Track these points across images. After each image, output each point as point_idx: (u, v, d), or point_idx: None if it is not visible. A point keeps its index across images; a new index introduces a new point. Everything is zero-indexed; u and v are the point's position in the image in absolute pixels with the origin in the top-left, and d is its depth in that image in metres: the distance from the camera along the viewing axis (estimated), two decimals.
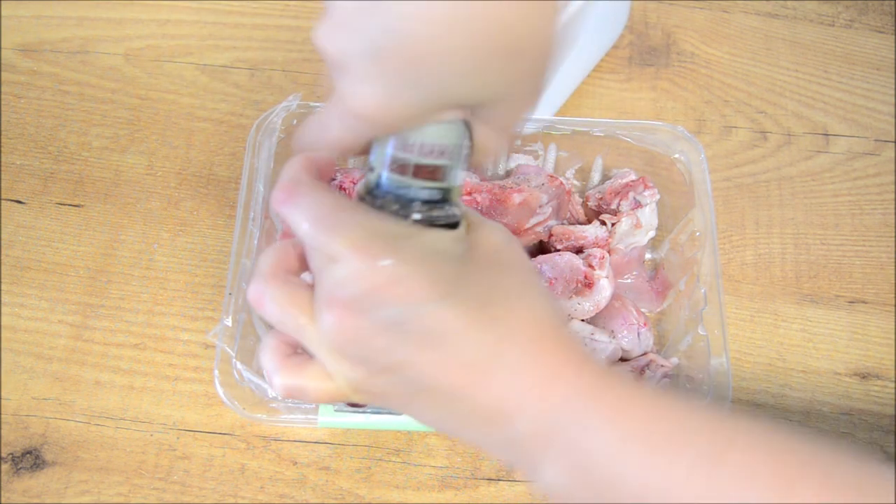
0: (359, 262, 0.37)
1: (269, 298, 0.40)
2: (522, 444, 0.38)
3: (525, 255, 0.42)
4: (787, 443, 0.37)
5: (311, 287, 0.40)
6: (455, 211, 0.41)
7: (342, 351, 0.39)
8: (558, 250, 0.58)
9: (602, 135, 0.61)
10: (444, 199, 0.40)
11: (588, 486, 0.38)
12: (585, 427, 0.37)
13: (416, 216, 0.40)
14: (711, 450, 0.36)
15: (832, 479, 0.35)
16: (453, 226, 0.40)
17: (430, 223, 0.40)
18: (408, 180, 0.40)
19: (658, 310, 0.61)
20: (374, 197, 0.40)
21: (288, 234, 0.59)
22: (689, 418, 0.37)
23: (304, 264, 0.42)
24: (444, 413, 0.40)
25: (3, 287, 0.59)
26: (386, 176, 0.40)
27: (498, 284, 0.39)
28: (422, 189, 0.40)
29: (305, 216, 0.38)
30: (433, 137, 0.39)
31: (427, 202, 0.40)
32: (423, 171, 0.40)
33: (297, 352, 0.42)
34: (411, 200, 0.40)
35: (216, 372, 0.51)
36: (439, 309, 0.37)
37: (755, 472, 0.35)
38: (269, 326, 0.53)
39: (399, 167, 0.39)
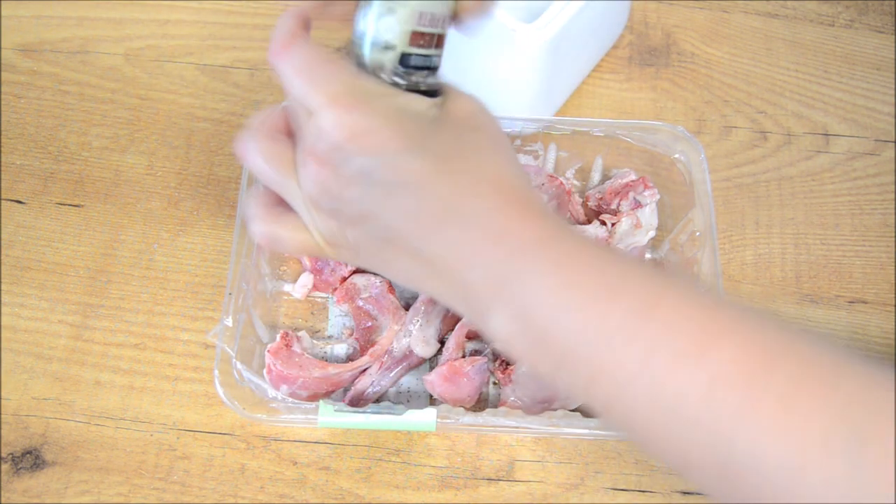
0: (333, 114, 0.39)
1: (255, 151, 0.43)
2: (473, 293, 0.39)
3: (497, 123, 0.43)
4: (722, 308, 0.37)
5: (295, 145, 0.42)
6: (436, 80, 0.43)
7: (317, 202, 0.41)
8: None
9: (602, 135, 0.61)
10: (429, 66, 0.43)
11: (527, 334, 0.38)
12: (530, 276, 0.38)
13: (398, 80, 0.42)
14: (644, 304, 0.36)
15: (753, 341, 0.35)
16: (433, 94, 0.43)
17: (411, 89, 0.42)
18: (391, 46, 0.41)
19: None
20: (359, 57, 0.42)
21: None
22: (630, 273, 0.38)
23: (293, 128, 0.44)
24: (406, 265, 0.41)
25: (3, 287, 0.59)
26: (371, 40, 0.41)
27: (465, 142, 0.41)
28: (411, 55, 0.42)
29: (294, 68, 0.40)
30: (428, 6, 0.42)
31: (411, 67, 0.42)
32: (416, 38, 0.42)
33: (279, 204, 0.44)
34: (396, 65, 0.42)
35: (216, 372, 0.51)
36: (404, 159, 0.39)
37: (680, 327, 0.35)
38: (267, 335, 0.53)
39: (387, 29, 0.41)
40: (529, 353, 0.39)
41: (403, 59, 0.42)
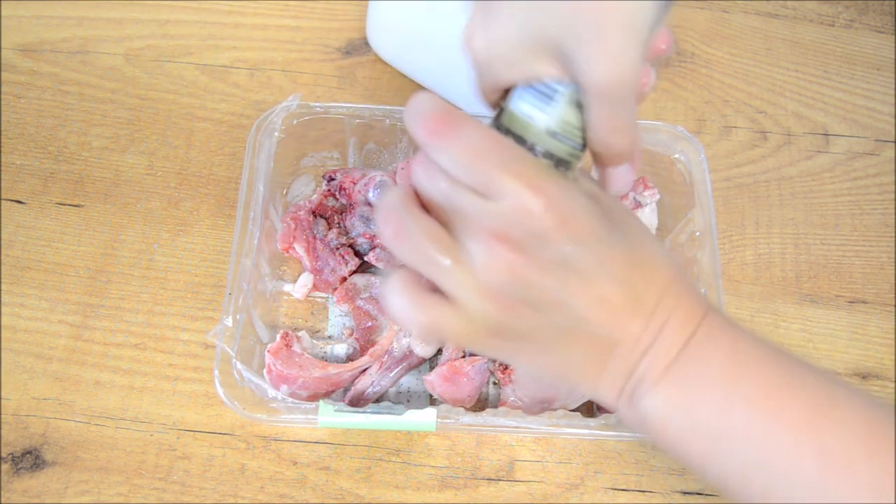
0: (537, 200, 0.37)
1: (409, 234, 0.39)
2: (638, 376, 0.41)
3: (631, 211, 0.45)
4: (887, 410, 0.39)
5: (444, 225, 0.39)
6: (575, 173, 0.42)
7: (498, 289, 0.38)
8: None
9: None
10: (572, 159, 0.42)
11: (686, 420, 0.40)
12: (702, 366, 0.40)
13: (562, 168, 0.41)
14: (814, 407, 0.39)
15: None
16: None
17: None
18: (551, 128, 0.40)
19: None
20: (524, 142, 0.40)
21: (287, 237, 0.59)
22: (798, 373, 0.40)
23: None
24: (576, 354, 0.41)
25: (3, 287, 0.59)
26: (519, 106, 0.40)
27: (632, 231, 0.42)
28: (561, 144, 0.40)
29: (465, 148, 0.37)
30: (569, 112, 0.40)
31: (570, 157, 0.41)
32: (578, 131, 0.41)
33: (432, 289, 0.40)
34: (536, 143, 0.40)
35: (216, 372, 0.51)
36: (607, 248, 0.39)
37: (850, 429, 0.38)
38: (267, 335, 0.53)
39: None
40: (682, 436, 0.41)
41: (571, 148, 0.41)
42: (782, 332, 0.61)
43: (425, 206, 0.40)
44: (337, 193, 0.60)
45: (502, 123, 0.41)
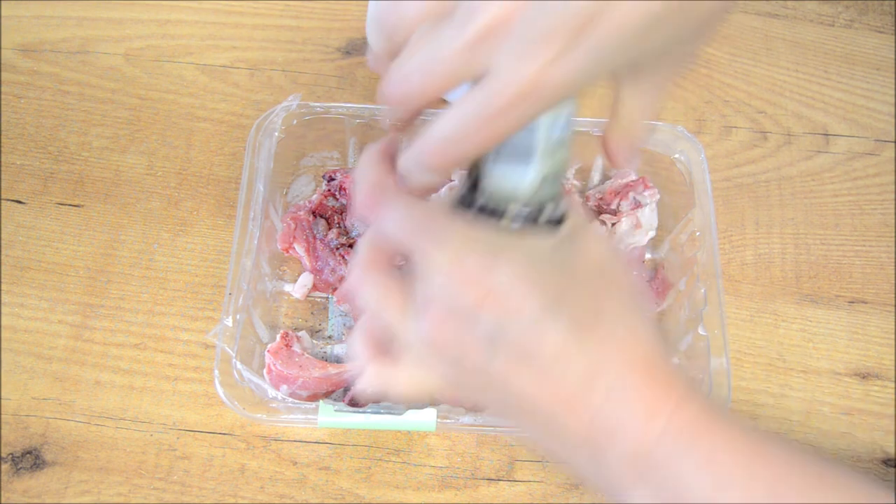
0: (453, 276, 0.36)
1: (368, 288, 0.39)
2: (612, 472, 0.37)
3: (629, 273, 0.39)
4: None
5: (406, 281, 0.39)
6: (557, 212, 0.39)
7: (438, 354, 0.38)
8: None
9: (602, 135, 0.61)
10: (553, 196, 0.38)
11: None
12: (681, 468, 0.36)
13: (518, 222, 0.38)
14: None
15: None
16: (557, 221, 0.38)
17: (532, 225, 0.38)
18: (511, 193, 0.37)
19: (658, 310, 0.61)
20: (472, 203, 0.38)
21: (287, 237, 0.59)
22: (789, 471, 0.36)
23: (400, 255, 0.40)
24: (535, 429, 0.38)
25: (3, 287, 0.59)
26: (497, 171, 0.37)
27: (600, 304, 0.37)
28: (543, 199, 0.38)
29: (400, 223, 0.37)
30: (564, 128, 0.37)
31: (538, 213, 0.38)
32: (548, 184, 0.37)
33: (387, 344, 0.40)
34: (516, 205, 0.38)
35: (216, 372, 0.51)
36: (538, 326, 0.36)
37: None
38: (267, 335, 0.53)
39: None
40: None
41: (538, 191, 0.38)
42: (782, 332, 0.61)
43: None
44: (337, 193, 0.60)
45: (479, 197, 0.38)
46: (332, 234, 0.59)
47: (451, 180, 0.58)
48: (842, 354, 0.60)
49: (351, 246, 0.60)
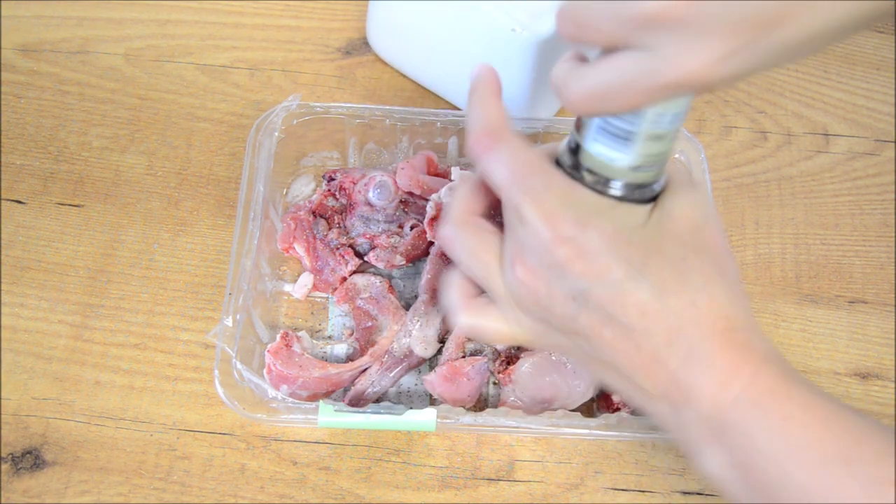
0: (550, 233, 0.37)
1: (460, 244, 0.42)
2: (688, 430, 0.39)
3: (722, 238, 0.40)
4: None
5: (500, 233, 0.41)
6: (656, 188, 0.40)
7: (524, 307, 0.41)
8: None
9: None
10: (652, 181, 0.40)
11: (747, 487, 0.38)
12: (754, 433, 0.37)
13: (615, 192, 0.39)
14: (881, 477, 0.35)
15: None
16: (652, 199, 0.40)
17: (628, 199, 0.40)
18: (618, 157, 0.39)
19: None
20: (575, 164, 0.40)
21: (287, 237, 0.59)
22: (861, 440, 0.36)
23: (495, 205, 0.43)
24: (615, 382, 0.41)
25: (3, 287, 0.59)
26: (595, 147, 0.39)
27: (686, 269, 0.38)
28: (631, 171, 0.39)
29: (503, 171, 0.39)
30: (671, 123, 0.38)
31: (637, 186, 0.40)
32: (650, 155, 0.39)
33: (480, 293, 0.43)
34: (613, 179, 0.39)
35: (216, 372, 0.51)
36: (623, 290, 0.37)
37: None
38: (267, 335, 0.53)
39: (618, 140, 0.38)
40: (742, 495, 0.38)
41: (633, 174, 0.39)
42: (782, 332, 0.61)
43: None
44: (337, 193, 0.60)
45: (580, 162, 0.40)
46: (332, 234, 0.59)
47: (451, 180, 0.58)
48: (842, 354, 0.60)
49: (351, 246, 0.60)
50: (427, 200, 0.58)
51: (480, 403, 0.56)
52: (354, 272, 0.59)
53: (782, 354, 0.39)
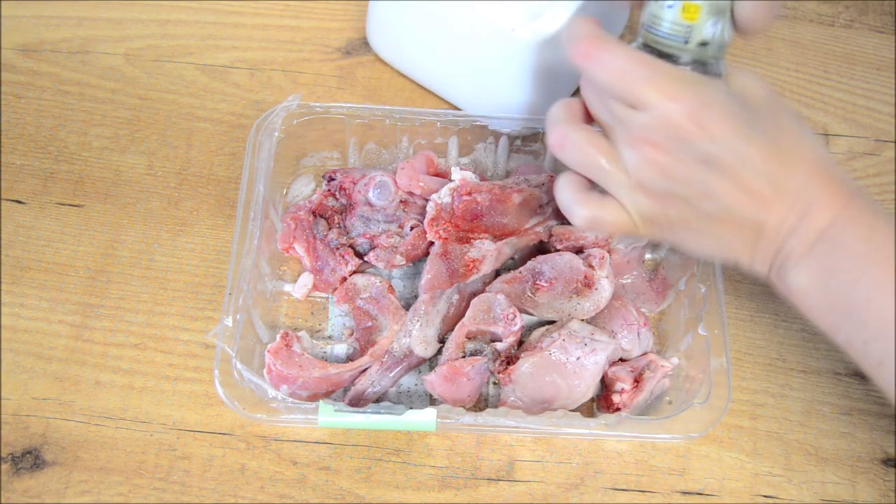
0: (675, 105, 0.44)
1: (571, 142, 0.47)
2: (785, 253, 0.46)
3: (785, 103, 0.48)
4: None
5: (606, 133, 0.47)
6: (721, 66, 0.48)
7: (647, 184, 0.46)
8: (558, 250, 0.58)
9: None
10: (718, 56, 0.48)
11: (824, 291, 0.46)
12: (846, 238, 0.45)
13: (704, 69, 0.48)
14: None
15: None
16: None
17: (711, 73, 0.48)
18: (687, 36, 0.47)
19: (658, 310, 0.61)
20: (665, 50, 0.47)
21: (287, 237, 0.59)
22: None
23: (588, 118, 0.49)
24: (729, 236, 0.47)
25: (3, 287, 0.59)
26: (668, 29, 0.47)
27: (780, 125, 0.46)
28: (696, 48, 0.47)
29: (616, 69, 0.45)
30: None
31: (703, 62, 0.48)
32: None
33: (593, 188, 0.49)
34: (709, 58, 0.48)
35: (216, 372, 0.51)
36: (742, 144, 0.44)
37: None
38: (267, 335, 0.53)
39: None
40: (818, 306, 0.47)
41: (711, 52, 0.48)
42: (782, 332, 0.61)
43: (592, 117, 0.49)
44: (337, 193, 0.60)
45: (648, 44, 0.48)
46: (332, 234, 0.59)
47: (451, 180, 0.58)
48: (842, 354, 0.60)
49: (351, 246, 0.60)
50: (427, 200, 0.58)
51: (480, 403, 0.56)
52: (354, 272, 0.59)
53: (864, 190, 0.47)
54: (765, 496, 0.54)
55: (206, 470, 0.54)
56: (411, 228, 0.59)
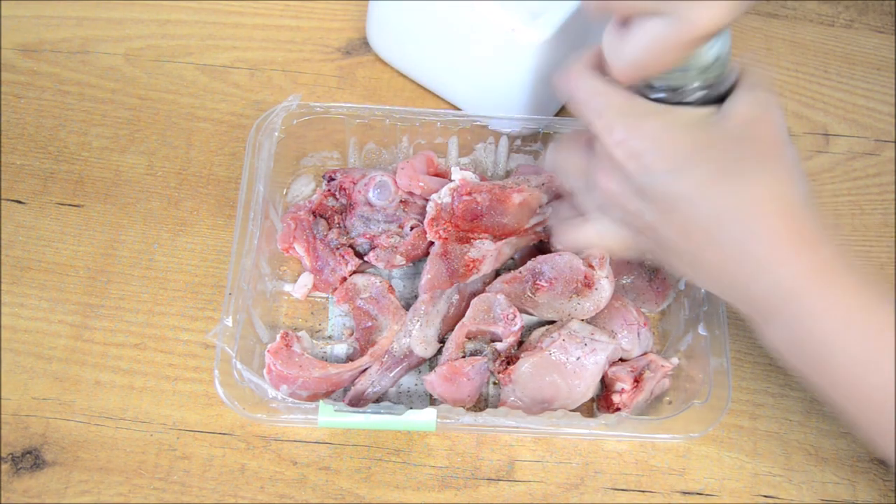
0: (607, 138, 0.44)
1: (560, 164, 0.51)
2: (750, 305, 0.45)
3: (777, 129, 0.45)
4: None
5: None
6: (725, 84, 0.45)
7: (610, 213, 0.48)
8: (558, 250, 0.58)
9: None
10: (714, 81, 0.46)
11: (802, 351, 0.44)
12: (811, 307, 0.42)
13: (678, 98, 0.45)
14: None
15: None
16: (721, 97, 0.46)
17: (700, 103, 0.45)
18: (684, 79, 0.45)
19: (658, 310, 0.61)
20: (649, 88, 0.46)
21: (287, 237, 0.59)
22: None
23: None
24: (690, 269, 0.47)
25: (3, 287, 0.59)
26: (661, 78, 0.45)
27: (740, 157, 0.43)
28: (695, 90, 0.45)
29: (577, 99, 0.46)
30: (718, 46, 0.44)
31: (696, 88, 0.46)
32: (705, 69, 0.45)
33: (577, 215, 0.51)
34: (683, 91, 0.45)
35: (216, 372, 0.51)
36: (672, 179, 0.43)
37: None
38: (267, 335, 0.53)
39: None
40: (799, 363, 0.45)
41: (714, 73, 0.45)
42: None
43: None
44: (337, 193, 0.60)
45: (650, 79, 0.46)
46: (332, 234, 0.59)
47: (451, 180, 0.58)
48: None
49: (351, 246, 0.60)
50: (427, 200, 0.58)
51: (480, 403, 0.56)
52: (354, 272, 0.59)
53: (836, 231, 0.44)
54: (765, 496, 0.54)
55: (206, 470, 0.54)
56: (411, 228, 0.59)
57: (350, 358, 0.57)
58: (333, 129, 0.62)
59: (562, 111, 0.69)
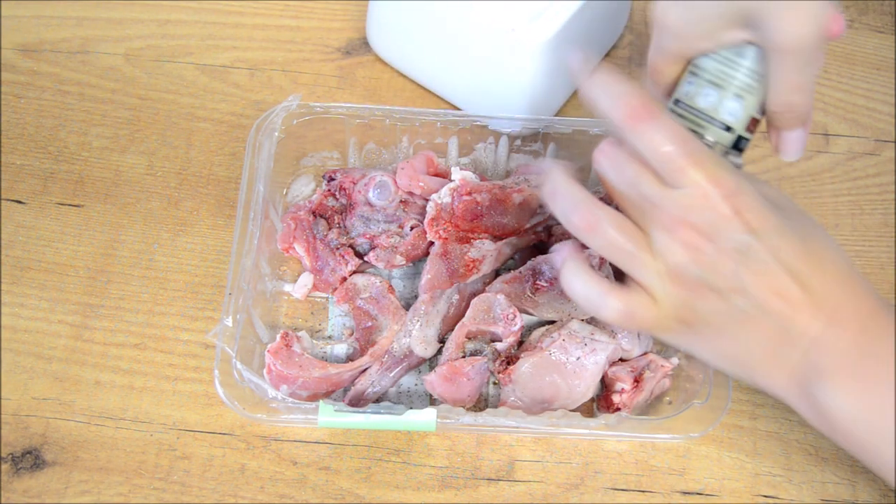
0: (713, 189, 0.41)
1: (609, 226, 0.43)
2: (811, 365, 0.44)
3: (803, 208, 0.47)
4: None
5: (627, 213, 0.44)
6: (744, 146, 0.47)
7: (681, 271, 0.43)
8: (558, 251, 0.58)
9: (602, 134, 0.61)
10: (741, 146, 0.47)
11: (871, 412, 0.43)
12: (883, 359, 0.42)
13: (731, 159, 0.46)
14: None
15: None
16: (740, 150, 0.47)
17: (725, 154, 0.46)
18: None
19: None
20: (682, 113, 0.46)
21: (287, 237, 0.59)
22: None
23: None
24: (748, 339, 0.44)
25: (3, 287, 0.59)
26: (715, 120, 0.46)
27: (806, 227, 0.44)
28: (743, 139, 0.46)
29: (658, 139, 0.41)
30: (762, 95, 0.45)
31: (738, 149, 0.47)
32: (752, 125, 0.46)
33: (619, 279, 0.46)
34: (731, 147, 0.46)
35: (216, 372, 0.51)
36: (777, 238, 0.42)
37: None
38: (267, 335, 0.53)
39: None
40: (857, 430, 0.44)
41: (737, 142, 0.46)
42: None
43: (609, 193, 0.45)
44: (337, 193, 0.61)
45: (678, 114, 0.46)
46: (332, 234, 0.59)
47: (451, 180, 0.58)
48: None
49: (351, 246, 0.60)
50: (427, 200, 0.58)
51: (480, 403, 0.56)
52: (354, 272, 0.59)
53: (888, 310, 0.44)
54: (765, 496, 0.54)
55: (206, 470, 0.54)
56: (411, 228, 0.59)
57: (350, 358, 0.57)
58: (333, 129, 0.62)
59: (562, 111, 0.69)
